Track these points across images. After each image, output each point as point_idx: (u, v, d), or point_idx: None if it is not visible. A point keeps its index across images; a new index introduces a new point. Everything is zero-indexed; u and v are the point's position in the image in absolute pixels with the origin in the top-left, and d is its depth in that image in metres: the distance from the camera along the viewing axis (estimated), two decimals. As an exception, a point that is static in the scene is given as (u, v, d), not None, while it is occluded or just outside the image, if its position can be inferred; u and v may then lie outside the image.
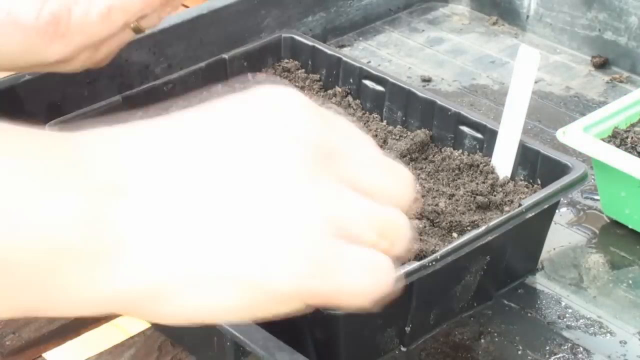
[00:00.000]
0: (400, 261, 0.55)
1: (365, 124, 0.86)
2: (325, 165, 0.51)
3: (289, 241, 0.49)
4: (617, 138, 0.83)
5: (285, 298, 0.50)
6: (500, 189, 0.77)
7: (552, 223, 0.79)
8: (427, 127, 0.84)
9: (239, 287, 0.49)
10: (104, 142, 0.49)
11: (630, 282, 0.79)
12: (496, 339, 0.73)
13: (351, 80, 0.89)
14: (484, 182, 0.78)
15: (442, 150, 0.83)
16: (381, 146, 0.84)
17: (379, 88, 0.88)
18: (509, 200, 0.76)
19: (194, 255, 0.49)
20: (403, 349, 0.72)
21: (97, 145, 0.49)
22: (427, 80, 1.02)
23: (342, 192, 0.51)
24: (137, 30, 0.81)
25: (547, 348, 0.73)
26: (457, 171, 0.81)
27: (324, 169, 0.51)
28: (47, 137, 0.48)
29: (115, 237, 0.47)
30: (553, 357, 0.72)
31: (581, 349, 0.73)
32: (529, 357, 0.72)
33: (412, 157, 0.82)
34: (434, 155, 0.82)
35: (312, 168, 0.51)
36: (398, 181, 0.55)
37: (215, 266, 0.49)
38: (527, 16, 1.09)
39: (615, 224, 0.84)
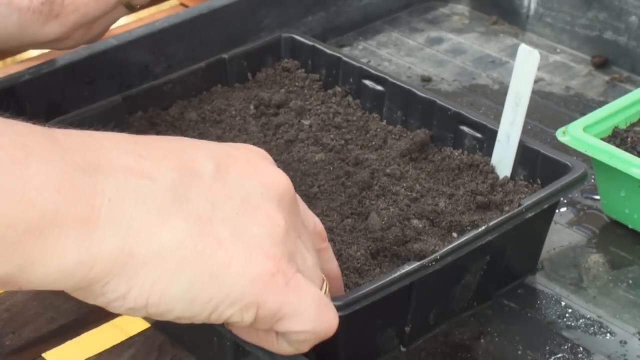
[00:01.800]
0: None
1: (365, 124, 0.86)
2: (292, 213, 0.55)
3: (259, 250, 0.51)
4: (617, 138, 0.83)
5: (244, 304, 0.51)
6: (500, 189, 0.77)
7: (552, 223, 0.79)
8: (427, 127, 0.84)
9: (204, 281, 0.50)
10: (77, 133, 0.51)
11: (631, 282, 0.79)
12: (496, 339, 0.73)
13: (351, 80, 0.89)
14: (484, 182, 0.78)
15: (442, 150, 0.83)
16: (381, 146, 0.84)
17: (379, 88, 0.88)
18: (509, 200, 0.76)
19: (167, 236, 0.50)
20: (403, 349, 0.72)
21: (71, 133, 0.51)
22: (427, 80, 1.02)
23: (300, 242, 0.55)
24: (129, 6, 0.82)
25: (547, 348, 0.73)
26: (457, 171, 0.81)
27: (290, 216, 0.54)
28: (26, 125, 0.50)
29: (87, 208, 0.48)
30: (553, 358, 0.72)
31: (581, 349, 0.73)
32: (529, 357, 0.72)
33: (412, 157, 0.82)
34: (434, 155, 0.82)
35: (283, 207, 0.54)
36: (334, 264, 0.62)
37: (187, 251, 0.50)
38: (527, 16, 1.09)
39: (615, 224, 0.84)
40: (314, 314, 0.53)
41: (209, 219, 0.51)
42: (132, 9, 0.83)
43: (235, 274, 0.50)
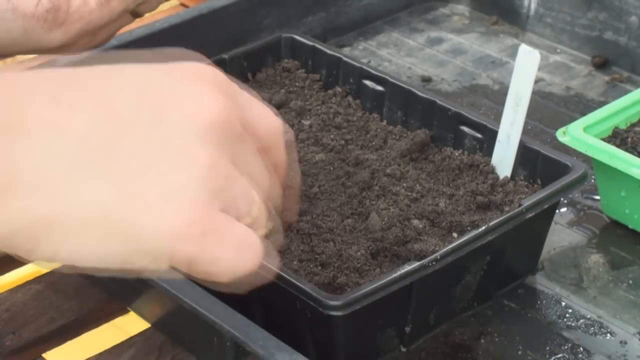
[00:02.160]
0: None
1: (365, 124, 0.86)
2: (224, 142, 0.52)
3: (174, 201, 0.50)
4: (617, 138, 0.83)
5: (156, 255, 0.51)
6: (500, 189, 0.77)
7: (552, 223, 0.79)
8: (427, 127, 0.84)
9: (114, 237, 0.50)
10: (2, 85, 0.50)
11: (631, 282, 0.79)
12: (496, 339, 0.73)
13: (351, 80, 0.89)
14: (484, 182, 0.78)
15: (442, 150, 0.83)
16: (381, 146, 0.84)
17: (379, 88, 0.88)
18: (509, 200, 0.76)
19: (76, 196, 0.49)
20: (403, 349, 0.72)
21: None
22: (427, 80, 1.02)
23: (232, 170, 0.52)
24: (135, 14, 0.82)
25: (547, 348, 0.73)
26: (457, 171, 0.81)
27: (222, 146, 0.52)
28: None
29: (6, 174, 0.48)
30: (553, 358, 0.72)
31: (581, 349, 0.73)
32: (529, 357, 0.72)
33: (412, 157, 0.82)
34: (434, 155, 0.82)
35: (211, 140, 0.51)
36: (277, 180, 0.58)
37: (96, 211, 0.49)
38: (527, 16, 1.09)
39: (615, 224, 0.84)
40: (232, 258, 0.52)
41: (123, 171, 0.50)
42: (138, 16, 0.82)
43: (146, 230, 0.50)
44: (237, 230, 0.52)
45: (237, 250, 0.52)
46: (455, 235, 0.74)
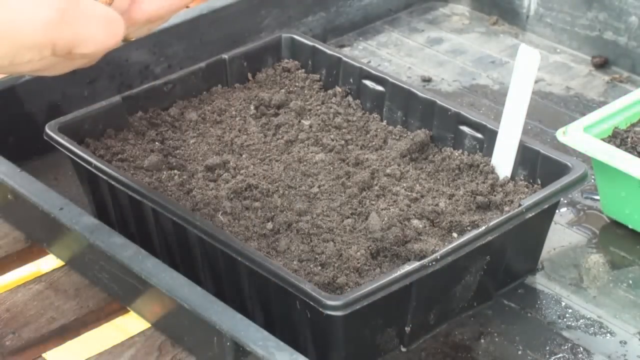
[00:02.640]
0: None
1: (365, 124, 0.86)
2: None
3: None
4: (617, 138, 0.83)
5: (39, 48, 0.56)
6: (500, 189, 0.78)
7: (552, 223, 0.79)
8: (427, 127, 0.84)
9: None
10: None
11: (630, 282, 0.79)
12: (496, 339, 0.73)
13: (351, 80, 0.89)
14: (484, 182, 0.78)
15: (442, 150, 0.83)
16: (381, 146, 0.84)
17: (379, 88, 0.88)
18: (509, 200, 0.76)
19: None
20: (403, 349, 0.72)
21: None
22: (427, 80, 1.02)
23: None
24: (125, 40, 0.81)
25: (547, 348, 0.73)
26: (457, 171, 0.81)
27: None
28: None
29: None
30: (553, 357, 0.72)
31: (581, 349, 0.73)
32: (529, 357, 0.72)
33: (412, 157, 0.82)
34: (434, 155, 0.82)
35: None
36: None
37: None
38: (527, 16, 1.09)
39: (615, 224, 0.84)
40: (103, 34, 0.58)
41: None
42: (127, 40, 0.81)
43: (24, 26, 0.54)
44: (101, 12, 0.58)
45: (106, 28, 0.58)
46: (455, 235, 0.74)
